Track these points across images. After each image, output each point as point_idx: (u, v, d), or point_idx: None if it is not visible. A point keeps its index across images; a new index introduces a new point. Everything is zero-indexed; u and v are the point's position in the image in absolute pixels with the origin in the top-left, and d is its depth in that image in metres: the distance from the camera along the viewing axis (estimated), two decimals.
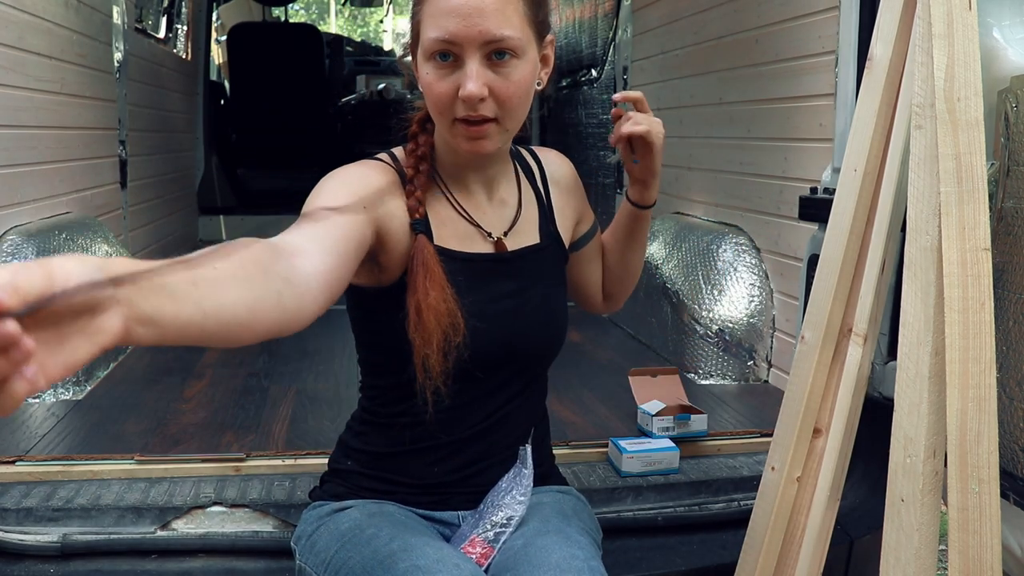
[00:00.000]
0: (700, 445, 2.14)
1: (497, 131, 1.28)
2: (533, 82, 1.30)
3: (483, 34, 1.21)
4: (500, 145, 1.32)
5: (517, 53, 1.24)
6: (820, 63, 2.43)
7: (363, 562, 1.21)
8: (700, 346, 2.75)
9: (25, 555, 1.74)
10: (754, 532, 1.66)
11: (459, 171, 1.38)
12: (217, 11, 7.94)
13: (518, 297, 1.37)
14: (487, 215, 1.39)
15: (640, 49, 3.97)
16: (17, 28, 2.79)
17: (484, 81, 1.23)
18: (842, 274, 1.55)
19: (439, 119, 1.29)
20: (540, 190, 1.47)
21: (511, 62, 1.24)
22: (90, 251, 2.88)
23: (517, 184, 1.44)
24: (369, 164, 1.34)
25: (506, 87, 1.24)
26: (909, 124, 1.40)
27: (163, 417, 2.29)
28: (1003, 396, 1.44)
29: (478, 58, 1.23)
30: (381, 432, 1.39)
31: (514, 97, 1.26)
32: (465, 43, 1.22)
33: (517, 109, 1.28)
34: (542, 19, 1.30)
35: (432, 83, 1.26)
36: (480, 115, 1.25)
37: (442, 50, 1.23)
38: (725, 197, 3.05)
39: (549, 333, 1.42)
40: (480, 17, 1.21)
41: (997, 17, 1.58)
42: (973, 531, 1.29)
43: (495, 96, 1.24)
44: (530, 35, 1.27)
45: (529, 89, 1.29)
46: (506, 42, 1.22)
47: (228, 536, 1.80)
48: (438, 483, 1.36)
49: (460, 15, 1.21)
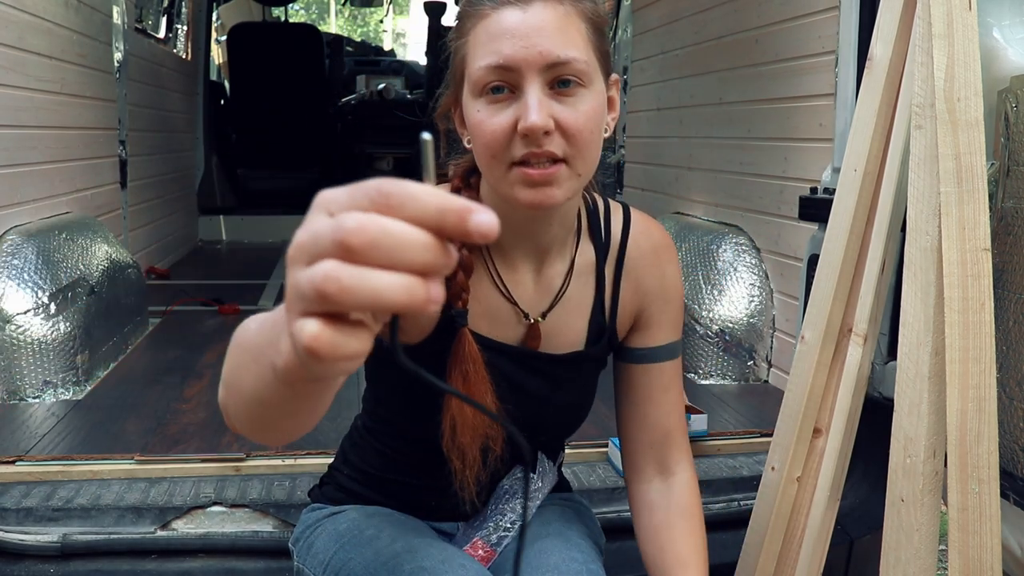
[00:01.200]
0: (700, 445, 2.14)
1: (568, 176, 1.05)
2: (602, 119, 1.09)
3: (544, 55, 1.02)
4: (570, 195, 1.08)
5: (584, 81, 1.05)
6: (820, 63, 2.43)
7: (365, 563, 1.19)
8: (700, 346, 2.75)
9: (25, 555, 1.74)
10: (754, 532, 1.66)
11: (508, 238, 1.15)
12: (217, 11, 7.94)
13: (544, 396, 1.24)
14: (528, 291, 1.20)
15: (640, 49, 3.97)
16: (17, 28, 2.79)
17: (549, 112, 1.03)
18: (842, 274, 1.55)
19: (492, 164, 1.06)
20: (606, 274, 1.24)
21: (578, 91, 1.05)
22: (90, 251, 2.88)
23: (574, 252, 1.21)
24: None
25: (575, 118, 1.04)
26: (909, 124, 1.40)
27: (163, 417, 2.29)
28: (1003, 396, 1.44)
29: (539, 84, 1.03)
30: (379, 456, 1.32)
31: (584, 131, 1.04)
32: (524, 67, 1.02)
33: (589, 147, 1.06)
34: (607, 51, 1.11)
35: (483, 120, 1.05)
36: (547, 151, 1.03)
37: (496, 81, 1.04)
38: (725, 197, 3.05)
39: (571, 424, 1.31)
40: (540, 36, 1.03)
41: (997, 17, 1.58)
42: (973, 531, 1.29)
43: (563, 130, 1.04)
44: (596, 64, 1.08)
45: (601, 124, 1.09)
46: (572, 65, 1.03)
47: (228, 536, 1.80)
48: (437, 506, 1.33)
49: (516, 35, 1.03)
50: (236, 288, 4.15)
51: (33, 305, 2.45)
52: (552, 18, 1.04)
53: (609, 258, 1.24)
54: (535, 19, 1.03)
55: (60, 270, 2.61)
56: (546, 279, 1.20)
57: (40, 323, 2.45)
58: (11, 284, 2.45)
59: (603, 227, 1.24)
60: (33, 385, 2.42)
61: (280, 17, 9.27)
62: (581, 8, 1.07)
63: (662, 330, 1.28)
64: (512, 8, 1.04)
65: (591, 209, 1.25)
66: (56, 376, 2.46)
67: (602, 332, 1.25)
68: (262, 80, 7.14)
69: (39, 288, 2.48)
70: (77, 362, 2.52)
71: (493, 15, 1.05)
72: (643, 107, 3.94)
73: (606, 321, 1.25)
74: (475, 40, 1.06)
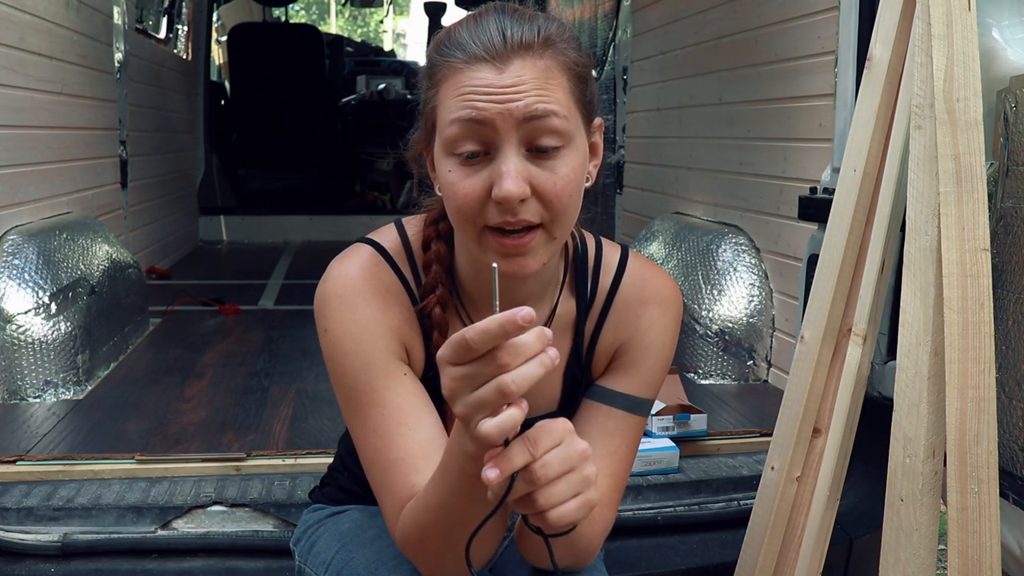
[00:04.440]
0: (700, 445, 2.14)
1: (544, 241, 1.01)
2: (582, 176, 1.03)
3: (522, 110, 0.96)
4: (546, 260, 1.03)
5: (564, 140, 0.99)
6: (819, 63, 2.43)
7: (367, 563, 1.19)
8: (700, 346, 2.75)
9: (26, 554, 1.74)
10: (754, 532, 1.66)
11: (480, 291, 1.14)
12: (217, 11, 7.95)
13: None
14: None
15: (640, 49, 3.98)
16: (18, 29, 2.79)
17: (525, 177, 0.97)
18: (842, 274, 1.56)
19: (464, 227, 1.02)
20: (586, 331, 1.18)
21: (559, 152, 0.99)
22: (91, 251, 2.88)
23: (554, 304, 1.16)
24: (370, 293, 1.10)
25: (553, 184, 0.98)
26: (908, 124, 1.41)
27: (164, 417, 2.29)
28: (1002, 396, 1.44)
29: (515, 144, 0.97)
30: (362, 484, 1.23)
31: (563, 196, 0.99)
32: (499, 123, 0.96)
33: (567, 212, 1.01)
34: (589, 99, 1.05)
35: (455, 183, 0.99)
36: (522, 220, 0.98)
37: (468, 138, 0.98)
38: (725, 197, 3.05)
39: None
40: (517, 92, 0.96)
41: (997, 17, 1.58)
42: (972, 531, 1.29)
43: (540, 196, 0.98)
44: (578, 117, 1.02)
45: (580, 186, 1.02)
46: (550, 121, 0.97)
47: (228, 535, 1.81)
48: None
49: (490, 92, 0.96)
50: (236, 288, 4.15)
51: (34, 305, 2.45)
52: (533, 74, 0.97)
53: (593, 311, 1.18)
54: (513, 75, 0.97)
55: (61, 270, 2.61)
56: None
57: (41, 323, 2.45)
58: (12, 284, 2.45)
59: (590, 277, 1.19)
60: (34, 385, 2.43)
61: (280, 17, 9.29)
62: (563, 60, 1.01)
63: (629, 379, 1.17)
64: (485, 64, 0.98)
65: (579, 256, 1.19)
66: (57, 376, 2.46)
67: (577, 385, 1.20)
68: (262, 80, 7.14)
69: (40, 288, 2.49)
70: (78, 362, 2.52)
71: (466, 70, 0.98)
72: (643, 107, 3.95)
73: (580, 372, 1.19)
74: (446, 91, 1.00)
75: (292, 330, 3.31)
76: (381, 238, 1.15)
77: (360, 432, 1.10)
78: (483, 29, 1.00)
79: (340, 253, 1.15)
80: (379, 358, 1.09)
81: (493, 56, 0.98)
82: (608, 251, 1.20)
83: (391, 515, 1.08)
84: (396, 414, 1.08)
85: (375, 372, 1.09)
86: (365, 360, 1.09)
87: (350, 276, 1.11)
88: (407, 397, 1.09)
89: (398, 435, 1.08)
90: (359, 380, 1.09)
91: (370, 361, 1.09)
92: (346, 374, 1.10)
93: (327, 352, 1.11)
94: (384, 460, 1.08)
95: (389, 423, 1.08)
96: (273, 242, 6.06)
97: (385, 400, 1.09)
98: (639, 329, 1.17)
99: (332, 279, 1.11)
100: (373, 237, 1.16)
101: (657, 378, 1.19)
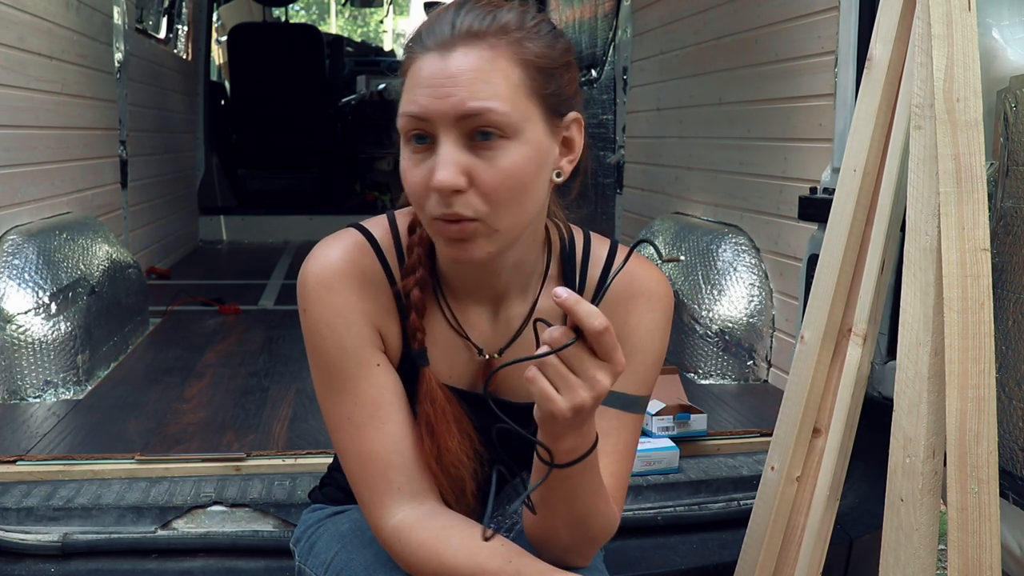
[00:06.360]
0: (700, 445, 2.14)
1: (485, 233, 1.01)
2: (535, 170, 1.02)
3: (456, 106, 0.97)
4: (494, 251, 1.03)
5: (506, 131, 0.99)
6: (819, 63, 2.43)
7: (367, 563, 1.19)
8: (700, 346, 2.75)
9: (26, 555, 1.74)
10: (754, 532, 1.66)
11: (458, 280, 1.14)
12: (217, 11, 7.95)
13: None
14: (484, 329, 1.16)
15: (640, 49, 3.98)
16: (18, 29, 2.79)
17: (462, 167, 0.98)
18: (842, 274, 1.56)
19: (420, 215, 1.05)
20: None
21: (498, 143, 0.99)
22: (91, 251, 2.88)
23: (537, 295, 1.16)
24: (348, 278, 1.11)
25: (489, 175, 0.99)
26: (908, 124, 1.41)
27: (163, 417, 2.29)
28: (1002, 396, 1.44)
29: (453, 138, 0.99)
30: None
31: (501, 189, 0.99)
32: (437, 118, 0.98)
33: (507, 205, 1.00)
34: (555, 91, 1.04)
35: (406, 171, 1.03)
36: (455, 214, 0.99)
37: (416, 130, 1.01)
38: (725, 197, 3.05)
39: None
40: (454, 86, 0.98)
41: (997, 17, 1.58)
42: (972, 531, 1.29)
43: (477, 187, 0.99)
44: (530, 109, 1.01)
45: (527, 179, 1.01)
46: (486, 116, 0.98)
47: (228, 535, 1.81)
48: None
49: (431, 85, 0.99)
50: (236, 288, 4.15)
51: (34, 305, 2.45)
52: (472, 66, 0.98)
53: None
54: (453, 67, 0.98)
55: (61, 270, 2.61)
56: (504, 320, 1.16)
57: (41, 323, 2.45)
58: (12, 284, 2.45)
59: (578, 270, 1.18)
60: (34, 385, 2.43)
61: (280, 17, 9.28)
62: (516, 50, 1.01)
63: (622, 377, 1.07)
64: (433, 55, 1.00)
65: (566, 250, 1.18)
66: (57, 376, 2.46)
67: None
68: (262, 80, 7.14)
69: (40, 288, 2.49)
70: (78, 362, 2.52)
71: (418, 60, 1.02)
72: (643, 107, 3.95)
73: None
74: (405, 85, 1.03)
75: (292, 330, 3.30)
76: (371, 225, 1.17)
77: (333, 417, 1.13)
78: (440, 20, 1.02)
79: (329, 235, 1.16)
80: (353, 344, 1.11)
81: (440, 46, 1.00)
82: (596, 245, 1.20)
83: (370, 505, 1.12)
84: (369, 406, 1.11)
85: (349, 360, 1.11)
86: (339, 344, 1.11)
87: (331, 259, 1.12)
88: (380, 390, 1.12)
89: (372, 427, 1.11)
90: (334, 364, 1.11)
91: (343, 347, 1.11)
92: (321, 357, 1.12)
93: (305, 332, 1.14)
94: (359, 450, 1.11)
95: (362, 414, 1.11)
96: (273, 242, 6.06)
97: (359, 390, 1.11)
98: (628, 325, 1.15)
99: (314, 260, 1.13)
100: (364, 224, 1.18)
101: (650, 374, 1.17)
